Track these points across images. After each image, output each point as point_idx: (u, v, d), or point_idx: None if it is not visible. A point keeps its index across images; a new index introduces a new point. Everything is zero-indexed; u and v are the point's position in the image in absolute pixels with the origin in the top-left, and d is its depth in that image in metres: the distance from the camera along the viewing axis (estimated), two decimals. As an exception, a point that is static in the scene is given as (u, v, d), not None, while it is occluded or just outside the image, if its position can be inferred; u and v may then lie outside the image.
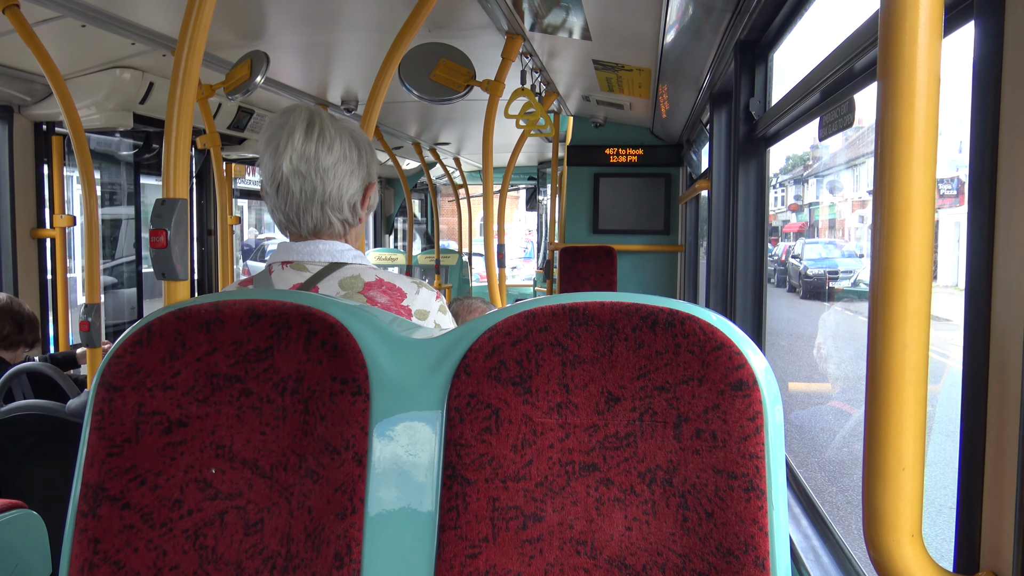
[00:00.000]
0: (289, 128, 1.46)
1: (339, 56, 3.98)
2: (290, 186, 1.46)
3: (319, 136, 1.46)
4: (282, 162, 1.45)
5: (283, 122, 1.47)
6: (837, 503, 5.64)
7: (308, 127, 1.46)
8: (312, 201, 1.48)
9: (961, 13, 1.10)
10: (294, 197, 1.47)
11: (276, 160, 1.46)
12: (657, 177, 6.37)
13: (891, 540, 0.88)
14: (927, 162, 0.83)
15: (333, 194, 1.49)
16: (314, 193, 1.47)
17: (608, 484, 0.90)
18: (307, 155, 1.45)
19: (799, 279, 16.57)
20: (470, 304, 2.50)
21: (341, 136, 1.49)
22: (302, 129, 1.45)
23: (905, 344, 0.85)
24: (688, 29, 2.93)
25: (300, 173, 1.46)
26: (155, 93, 3.69)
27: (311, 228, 1.51)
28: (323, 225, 1.51)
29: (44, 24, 2.81)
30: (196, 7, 1.56)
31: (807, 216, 21.12)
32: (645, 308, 0.90)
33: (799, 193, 20.71)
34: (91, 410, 0.98)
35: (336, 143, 1.48)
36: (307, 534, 0.93)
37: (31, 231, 3.89)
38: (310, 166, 1.46)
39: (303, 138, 1.45)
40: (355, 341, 0.95)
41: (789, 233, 22.76)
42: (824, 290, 15.83)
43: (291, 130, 1.46)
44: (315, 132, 1.46)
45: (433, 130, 6.85)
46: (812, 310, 15.51)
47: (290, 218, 1.50)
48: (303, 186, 1.46)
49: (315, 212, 1.49)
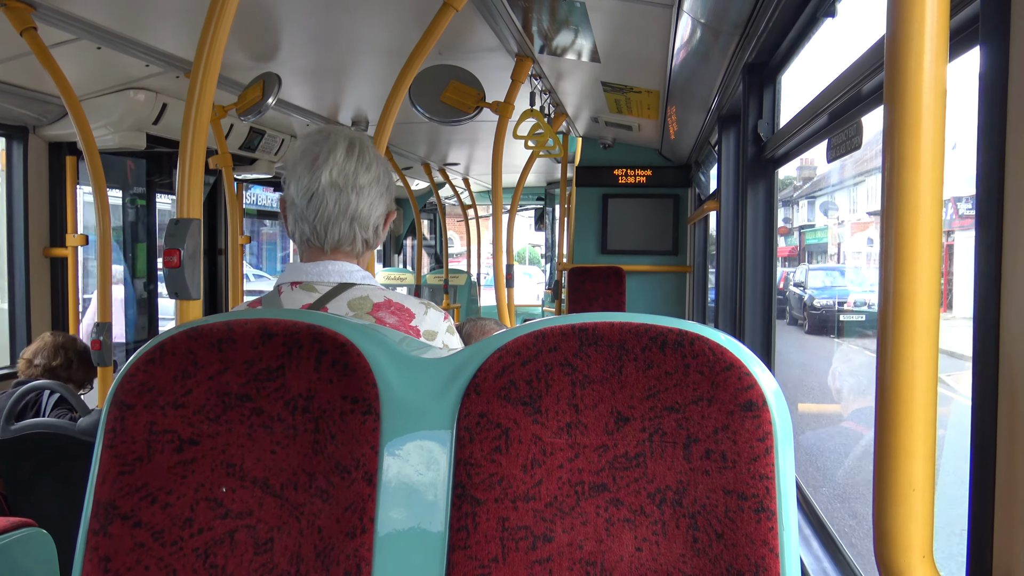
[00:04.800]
0: (331, 144, 1.52)
1: (350, 78, 4.01)
2: (326, 197, 1.51)
3: (359, 156, 1.53)
4: (321, 174, 1.50)
5: (323, 139, 1.53)
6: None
7: (350, 146, 1.53)
8: (344, 215, 1.53)
9: (967, 38, 1.11)
10: (327, 208, 1.52)
11: (314, 172, 1.51)
12: (666, 198, 6.38)
13: (902, 561, 0.88)
14: (934, 186, 0.84)
15: (364, 211, 1.54)
16: (347, 207, 1.52)
17: (618, 505, 0.90)
18: (347, 171, 1.51)
19: (803, 310, 13.59)
20: (482, 325, 2.51)
21: (378, 160, 1.57)
22: (344, 147, 1.52)
23: (914, 365, 0.85)
24: (696, 52, 2.95)
25: (338, 186, 1.51)
26: (168, 114, 3.74)
27: (335, 242, 1.54)
28: (347, 240, 1.55)
29: (60, 46, 2.86)
30: (212, 30, 1.58)
31: (797, 240, 19.79)
32: (654, 328, 0.91)
33: (788, 216, 19.43)
34: (103, 428, 0.98)
35: (374, 165, 1.55)
36: (317, 553, 0.93)
37: (44, 250, 3.92)
38: (348, 181, 1.52)
39: (345, 155, 1.52)
40: (365, 360, 0.96)
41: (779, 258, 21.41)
42: (834, 324, 12.70)
43: (333, 146, 1.52)
44: (355, 152, 1.53)
45: (442, 150, 6.89)
46: (824, 348, 11.93)
47: (316, 230, 1.53)
48: (338, 199, 1.52)
49: (343, 226, 1.53)
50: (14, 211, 3.85)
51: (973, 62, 1.05)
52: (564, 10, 2.78)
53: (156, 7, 2.74)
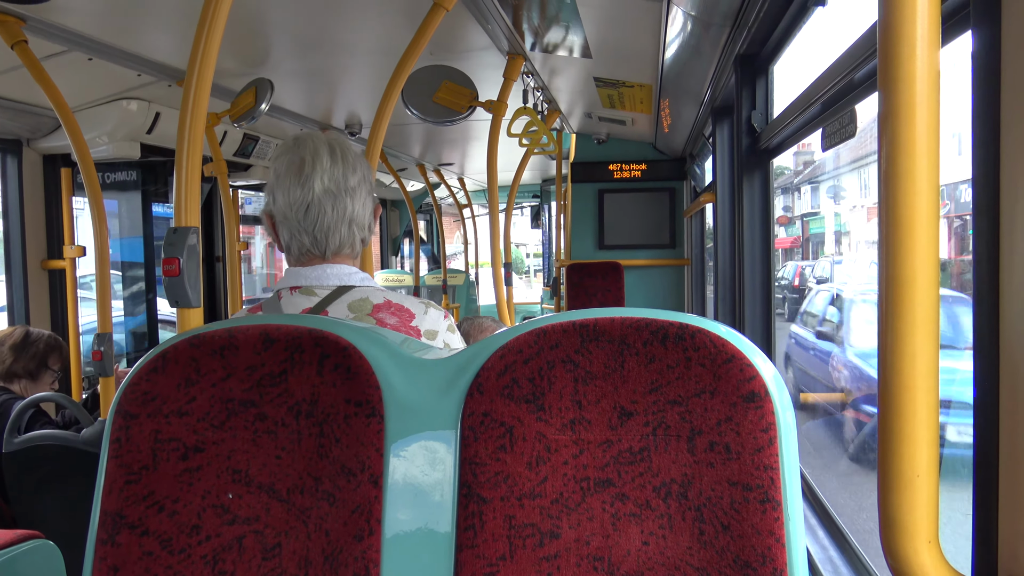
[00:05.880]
0: (313, 152, 1.51)
1: (342, 81, 4.01)
2: (323, 205, 1.51)
3: (342, 159, 1.53)
4: (314, 184, 1.50)
5: (302, 148, 1.52)
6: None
7: (331, 151, 1.52)
8: (343, 219, 1.53)
9: (959, 22, 1.11)
10: (326, 217, 1.52)
11: (306, 184, 1.50)
12: (661, 191, 6.38)
13: (908, 547, 0.88)
14: (930, 171, 0.84)
15: (359, 213, 1.55)
16: (344, 212, 1.53)
17: (623, 499, 0.90)
18: (336, 176, 1.52)
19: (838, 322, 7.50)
20: (480, 323, 2.51)
21: (358, 159, 1.57)
22: (327, 153, 1.52)
23: (915, 352, 0.85)
24: (688, 44, 2.95)
25: (332, 193, 1.51)
26: (161, 123, 3.73)
27: (335, 247, 1.55)
28: (347, 243, 1.56)
29: (52, 59, 2.85)
30: (204, 39, 1.58)
31: (800, 230, 18.38)
32: (655, 323, 0.91)
33: (788, 204, 18.04)
34: (108, 438, 0.98)
35: (358, 165, 1.56)
36: (325, 557, 0.94)
37: (42, 262, 3.92)
38: (340, 187, 1.52)
39: (331, 161, 1.52)
40: (368, 363, 0.96)
41: (778, 249, 19.10)
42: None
43: (316, 154, 1.51)
44: (338, 155, 1.53)
45: (437, 151, 6.89)
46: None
47: (317, 239, 1.53)
48: (335, 205, 1.52)
49: (343, 231, 1.54)
50: (10, 224, 3.85)
51: (965, 46, 1.05)
52: (554, 7, 2.78)
53: (146, 17, 2.74)
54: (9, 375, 3.00)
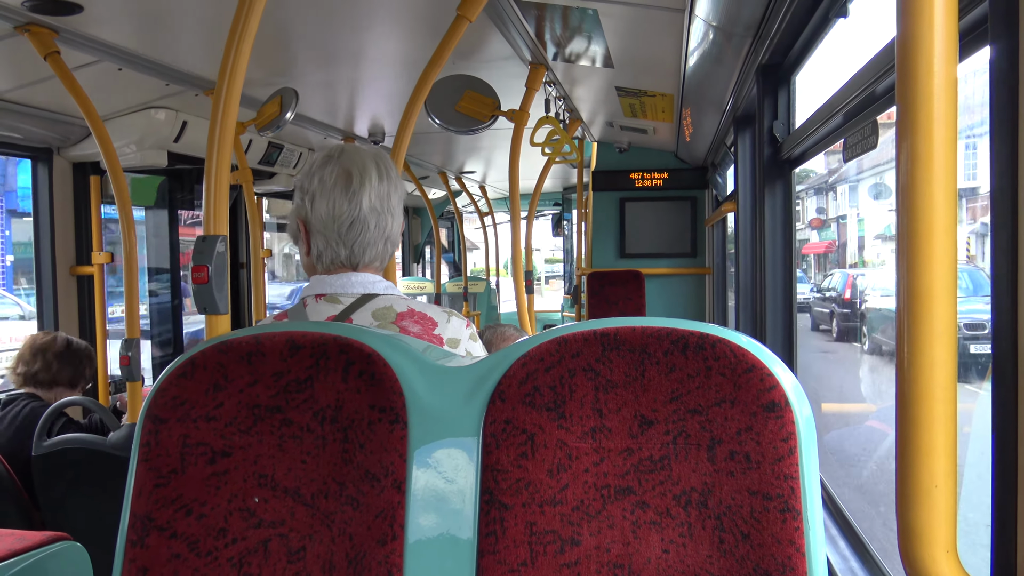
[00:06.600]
0: (361, 167, 1.52)
1: (365, 91, 4.05)
2: (367, 223, 1.53)
3: (386, 175, 1.55)
4: (362, 200, 1.51)
5: (348, 161, 1.53)
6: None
7: (378, 168, 1.54)
8: (381, 237, 1.56)
9: (977, 38, 1.12)
10: (368, 233, 1.54)
11: (353, 199, 1.51)
12: (683, 200, 6.37)
13: (927, 556, 0.88)
14: (947, 184, 0.84)
15: (395, 229, 1.58)
16: (385, 229, 1.55)
17: (644, 507, 0.91)
18: (382, 194, 1.53)
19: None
20: (503, 332, 2.52)
21: (399, 177, 1.59)
22: (374, 169, 1.53)
23: (934, 363, 0.86)
24: (709, 55, 2.95)
25: (377, 211, 1.53)
26: (189, 131, 3.79)
27: (368, 260, 1.57)
28: (379, 257, 1.58)
29: (82, 69, 2.91)
30: (234, 50, 1.61)
31: (836, 234, 17.26)
32: (676, 332, 0.92)
33: (822, 205, 16.99)
34: (138, 442, 1.01)
35: (399, 183, 1.58)
36: (349, 561, 0.95)
37: (71, 268, 3.99)
38: (384, 205, 1.54)
39: (378, 179, 1.53)
40: (392, 370, 0.98)
41: (809, 256, 16.63)
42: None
43: (364, 170, 1.52)
44: (383, 172, 1.54)
45: (459, 159, 6.92)
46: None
47: (354, 252, 1.55)
48: (378, 223, 1.54)
49: (380, 246, 1.56)
50: (41, 231, 3.92)
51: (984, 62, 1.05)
52: (576, 17, 2.80)
53: (175, 28, 2.79)
54: (51, 383, 3.07)
